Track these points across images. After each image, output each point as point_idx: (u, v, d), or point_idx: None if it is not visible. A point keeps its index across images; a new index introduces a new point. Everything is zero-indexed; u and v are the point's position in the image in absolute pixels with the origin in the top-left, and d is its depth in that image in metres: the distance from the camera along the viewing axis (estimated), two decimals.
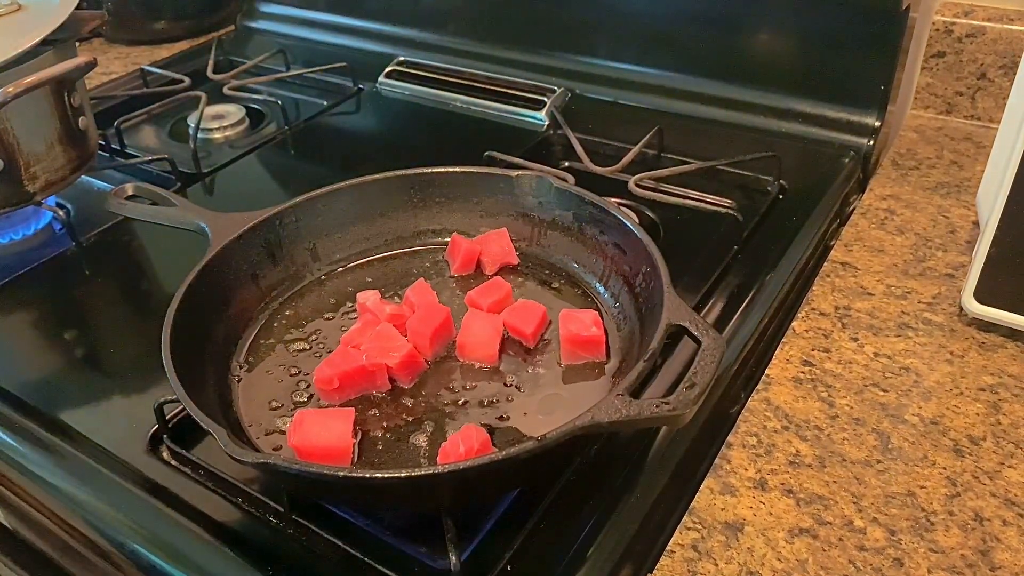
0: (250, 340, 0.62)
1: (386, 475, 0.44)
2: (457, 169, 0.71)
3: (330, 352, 0.58)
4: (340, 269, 0.70)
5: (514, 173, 0.69)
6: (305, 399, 0.57)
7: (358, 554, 0.48)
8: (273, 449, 0.53)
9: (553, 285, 0.67)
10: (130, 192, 0.69)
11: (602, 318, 0.61)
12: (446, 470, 0.43)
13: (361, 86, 1.07)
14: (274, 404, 0.57)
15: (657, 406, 0.45)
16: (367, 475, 0.44)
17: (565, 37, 1.00)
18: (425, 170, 0.71)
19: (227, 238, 0.63)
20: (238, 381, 0.59)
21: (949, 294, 0.65)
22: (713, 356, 0.48)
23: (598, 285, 0.65)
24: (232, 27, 1.28)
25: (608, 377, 0.58)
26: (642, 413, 0.45)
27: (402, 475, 0.43)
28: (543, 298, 0.65)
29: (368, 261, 0.70)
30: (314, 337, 0.63)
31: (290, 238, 0.67)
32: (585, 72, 0.98)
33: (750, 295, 0.66)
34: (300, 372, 0.59)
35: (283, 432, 0.54)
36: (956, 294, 0.65)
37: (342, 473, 0.46)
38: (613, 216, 0.64)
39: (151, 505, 0.52)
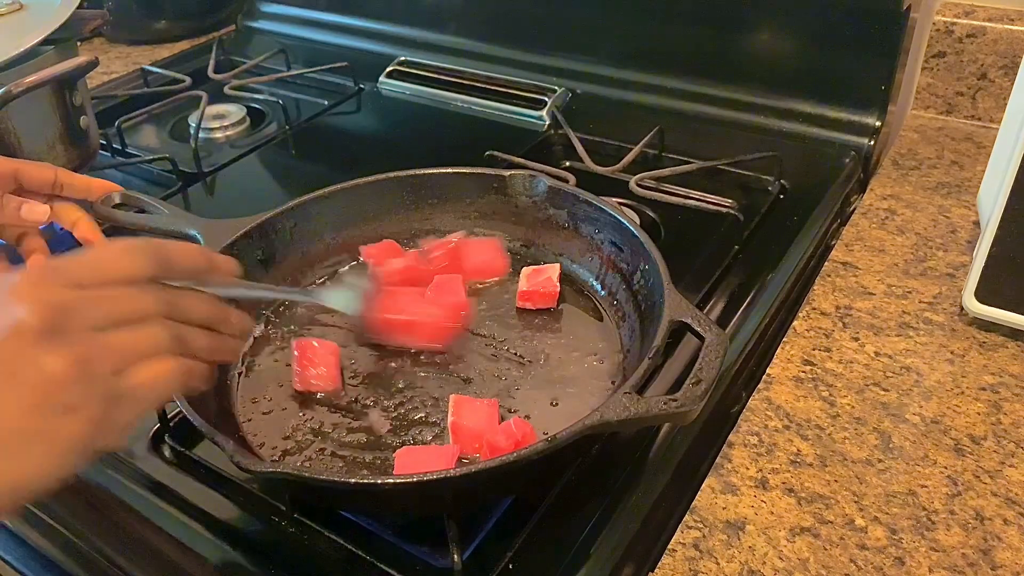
0: (248, 345, 0.62)
1: (396, 480, 0.44)
2: (449, 170, 0.70)
3: None
4: (333, 276, 0.69)
5: (507, 173, 0.69)
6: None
7: (360, 552, 0.48)
8: (273, 450, 0.53)
9: None
10: (117, 200, 0.65)
11: (602, 317, 0.61)
12: (457, 473, 0.43)
13: (362, 86, 1.07)
14: (271, 408, 0.57)
15: (665, 403, 0.45)
16: (376, 482, 0.44)
17: (566, 37, 1.00)
18: (417, 172, 0.70)
19: (219, 245, 0.62)
20: (236, 387, 0.58)
21: (950, 294, 0.65)
22: (717, 351, 0.48)
23: (595, 283, 0.65)
24: (233, 27, 1.28)
25: (609, 376, 0.58)
26: (651, 411, 0.45)
27: (413, 480, 0.43)
28: None
29: (362, 264, 0.69)
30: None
31: (283, 243, 0.66)
32: (586, 72, 0.98)
33: (751, 295, 0.66)
34: None
35: (284, 438, 0.54)
36: (957, 294, 0.65)
37: (353, 480, 0.46)
38: (608, 214, 0.63)
39: (153, 503, 0.52)
